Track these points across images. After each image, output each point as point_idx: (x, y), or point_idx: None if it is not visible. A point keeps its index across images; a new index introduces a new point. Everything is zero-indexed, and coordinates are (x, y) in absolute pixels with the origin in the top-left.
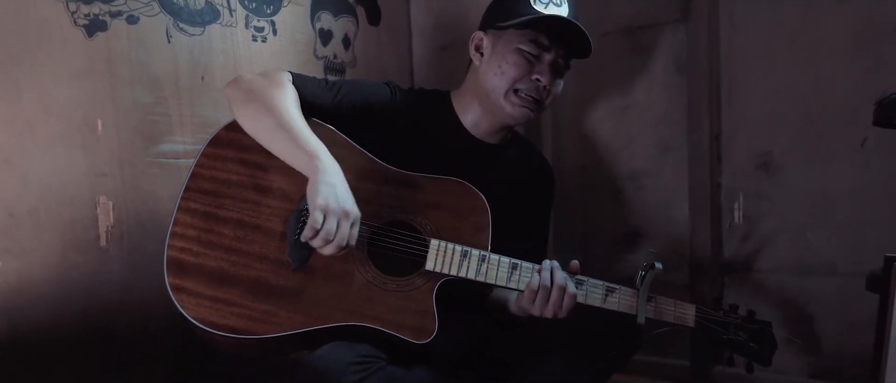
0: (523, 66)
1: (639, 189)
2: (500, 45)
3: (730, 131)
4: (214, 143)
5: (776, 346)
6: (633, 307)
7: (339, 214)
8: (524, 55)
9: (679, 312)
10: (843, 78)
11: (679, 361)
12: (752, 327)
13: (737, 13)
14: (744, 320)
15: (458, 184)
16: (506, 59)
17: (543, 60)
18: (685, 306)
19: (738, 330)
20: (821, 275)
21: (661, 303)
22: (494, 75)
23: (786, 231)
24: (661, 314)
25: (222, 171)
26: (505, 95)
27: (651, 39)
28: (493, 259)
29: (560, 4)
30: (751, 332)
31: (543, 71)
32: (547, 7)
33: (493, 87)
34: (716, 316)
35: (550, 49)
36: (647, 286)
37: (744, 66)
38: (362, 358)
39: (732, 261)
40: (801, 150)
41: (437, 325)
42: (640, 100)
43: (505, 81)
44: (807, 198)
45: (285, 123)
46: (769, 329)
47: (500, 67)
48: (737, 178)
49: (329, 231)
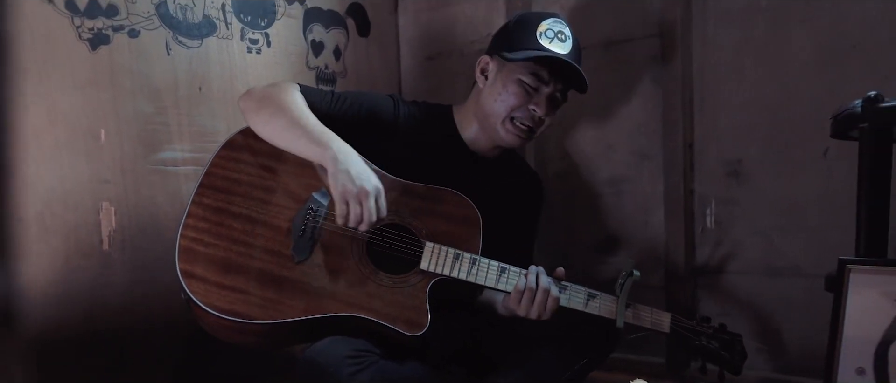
0: (522, 97)
1: (617, 195)
2: (504, 74)
3: (702, 140)
4: (228, 146)
5: (746, 356)
6: (613, 312)
7: (360, 195)
8: (524, 86)
9: (655, 319)
10: (807, 91)
11: (655, 359)
12: (723, 338)
13: (708, 29)
14: (716, 331)
15: (453, 194)
16: (507, 89)
17: (542, 93)
18: (661, 314)
19: (710, 339)
20: (787, 276)
21: (638, 310)
22: (495, 101)
23: (754, 235)
24: (639, 320)
25: (234, 171)
26: (502, 122)
27: (629, 53)
28: (483, 262)
29: (564, 40)
30: (722, 342)
31: (540, 103)
32: (552, 42)
33: (493, 112)
34: (689, 324)
35: (549, 83)
36: (625, 293)
37: (715, 79)
38: (358, 352)
39: (705, 263)
40: (768, 159)
41: (429, 320)
42: (619, 111)
43: (504, 108)
44: (774, 204)
45: (297, 120)
46: (740, 340)
47: (500, 95)
48: (709, 185)
49: (356, 214)
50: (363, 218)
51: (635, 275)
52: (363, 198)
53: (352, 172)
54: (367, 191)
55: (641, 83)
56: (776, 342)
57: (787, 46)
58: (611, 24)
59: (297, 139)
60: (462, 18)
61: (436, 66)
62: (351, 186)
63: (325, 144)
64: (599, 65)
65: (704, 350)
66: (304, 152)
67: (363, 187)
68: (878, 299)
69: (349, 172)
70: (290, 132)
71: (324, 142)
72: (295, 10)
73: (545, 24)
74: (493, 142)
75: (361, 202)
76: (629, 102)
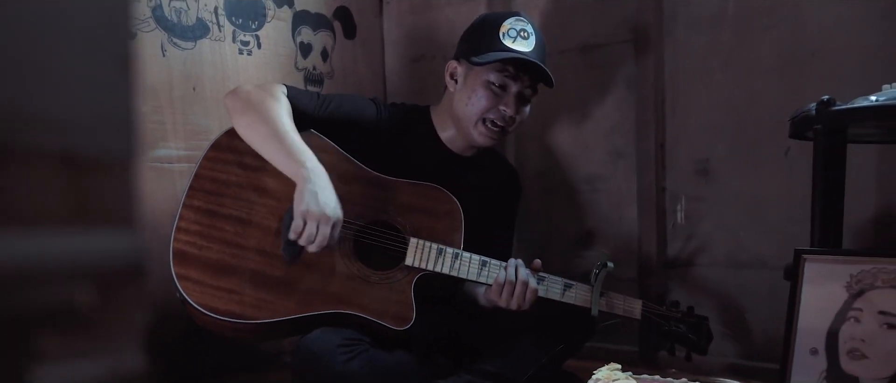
0: (491, 99)
1: (593, 192)
2: (471, 77)
3: (673, 140)
4: (215, 148)
5: (712, 338)
6: (588, 301)
7: (319, 218)
8: (492, 88)
9: (627, 306)
10: (770, 94)
11: (628, 347)
12: (690, 321)
13: (679, 36)
14: (684, 314)
15: (436, 190)
16: (476, 92)
17: (509, 92)
18: (633, 301)
19: (678, 323)
20: (752, 268)
21: (612, 298)
22: (466, 105)
23: (721, 230)
24: (613, 307)
25: (222, 173)
26: (474, 125)
27: (604, 58)
28: (464, 256)
29: (527, 37)
30: (690, 325)
31: (509, 102)
32: (515, 41)
33: (465, 115)
34: (659, 310)
35: (516, 81)
36: (600, 283)
37: (685, 83)
38: (349, 341)
39: (676, 257)
40: (734, 158)
41: (415, 314)
42: (595, 112)
43: (475, 111)
44: (739, 201)
45: (278, 133)
46: (706, 322)
47: (470, 98)
48: (679, 183)
49: (310, 234)
50: (316, 240)
51: (609, 267)
52: (322, 222)
53: (319, 195)
54: (328, 217)
55: (616, 86)
56: (741, 329)
57: (751, 53)
58: (587, 30)
59: (275, 151)
60: (444, 22)
61: (420, 68)
62: (315, 208)
63: (300, 162)
64: (576, 68)
65: (673, 334)
66: (279, 164)
67: (324, 212)
68: (830, 286)
69: (317, 194)
70: (269, 143)
71: (299, 160)
72: (284, 14)
73: (507, 24)
74: (468, 142)
75: (319, 225)
76: (604, 104)
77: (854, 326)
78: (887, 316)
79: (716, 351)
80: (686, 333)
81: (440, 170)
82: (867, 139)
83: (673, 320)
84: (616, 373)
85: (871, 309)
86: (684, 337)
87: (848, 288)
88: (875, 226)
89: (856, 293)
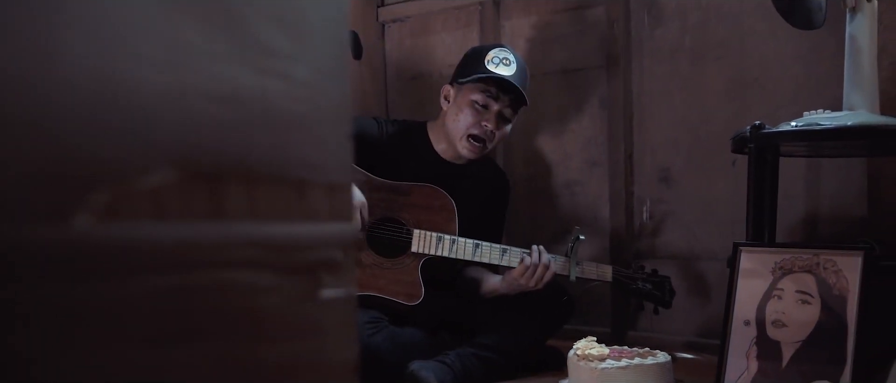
0: (474, 116)
1: (572, 195)
2: (459, 98)
3: (639, 151)
4: None
5: (674, 293)
6: (566, 268)
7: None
8: (476, 106)
9: (600, 271)
10: (720, 114)
11: (601, 328)
12: (655, 279)
13: (645, 63)
14: (648, 275)
15: (432, 189)
16: (462, 111)
17: (491, 110)
18: (604, 267)
19: (645, 282)
20: (706, 260)
21: (586, 265)
22: (454, 121)
23: (680, 228)
24: (587, 273)
25: None
26: (460, 139)
27: (581, 80)
28: (460, 241)
29: (509, 64)
30: (654, 283)
31: (490, 119)
32: (498, 66)
33: (453, 131)
34: (627, 272)
35: (498, 100)
36: (575, 252)
37: (650, 103)
38: (373, 319)
39: (642, 251)
40: (690, 167)
41: (423, 291)
42: (573, 126)
43: (462, 127)
44: (695, 203)
45: None
46: (668, 281)
47: (458, 116)
48: (645, 188)
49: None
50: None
51: (581, 239)
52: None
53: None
54: (354, 204)
55: (591, 104)
56: (697, 311)
57: (704, 79)
58: (567, 56)
59: None
60: (440, 45)
61: (418, 85)
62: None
63: None
64: (558, 88)
65: (641, 291)
66: None
67: (361, 199)
68: (760, 271)
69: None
70: None
71: None
72: None
73: (492, 53)
74: (457, 153)
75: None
76: (581, 120)
77: (777, 302)
78: (802, 294)
79: (674, 330)
80: (652, 290)
81: (436, 177)
82: (797, 154)
83: (640, 280)
84: (592, 343)
85: (790, 289)
86: (650, 293)
87: (773, 273)
88: (804, 225)
89: (779, 276)
